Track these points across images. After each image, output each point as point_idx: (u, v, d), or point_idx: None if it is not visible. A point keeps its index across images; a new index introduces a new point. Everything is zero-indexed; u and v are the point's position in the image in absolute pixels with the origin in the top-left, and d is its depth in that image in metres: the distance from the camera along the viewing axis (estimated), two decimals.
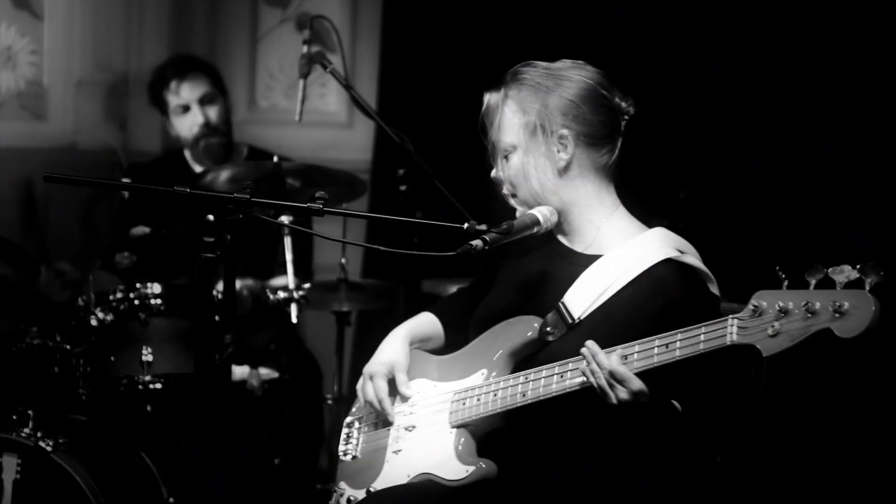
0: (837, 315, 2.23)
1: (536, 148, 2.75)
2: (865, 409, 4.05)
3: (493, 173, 2.85)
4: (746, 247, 4.30)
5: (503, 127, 2.78)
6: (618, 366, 2.50)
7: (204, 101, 4.73)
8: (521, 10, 4.90)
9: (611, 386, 2.51)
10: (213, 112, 4.73)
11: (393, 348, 2.95)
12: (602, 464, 2.70)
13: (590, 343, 2.55)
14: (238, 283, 4.39)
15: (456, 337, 3.02)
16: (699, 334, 2.43)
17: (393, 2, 5.44)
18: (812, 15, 4.26)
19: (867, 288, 2.21)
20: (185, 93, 4.71)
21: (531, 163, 2.76)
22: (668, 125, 4.40)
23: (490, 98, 2.81)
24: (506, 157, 2.80)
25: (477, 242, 2.57)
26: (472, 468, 2.68)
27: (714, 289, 2.73)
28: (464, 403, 2.76)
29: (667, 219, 2.83)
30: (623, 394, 2.50)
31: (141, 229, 4.10)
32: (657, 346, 2.48)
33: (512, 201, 2.83)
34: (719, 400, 2.66)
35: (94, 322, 3.86)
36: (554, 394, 2.62)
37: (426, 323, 3.08)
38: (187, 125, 4.73)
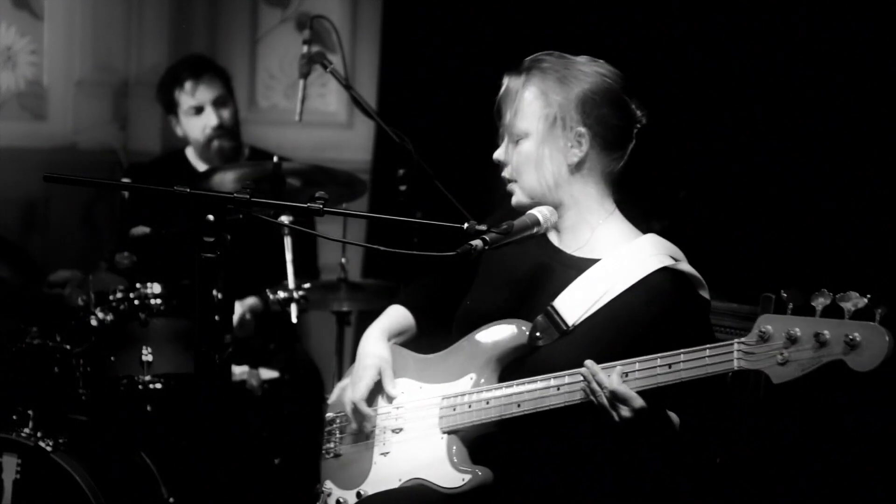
0: (850, 348, 2.21)
1: (552, 140, 2.73)
2: (865, 409, 4.05)
3: (496, 154, 2.82)
4: (746, 247, 4.30)
5: (520, 112, 2.75)
6: (619, 385, 2.48)
7: (217, 104, 4.72)
8: (521, 11, 4.90)
9: (612, 406, 2.50)
10: (226, 114, 4.73)
11: (376, 348, 2.94)
12: (598, 469, 2.69)
13: (589, 363, 2.54)
14: (239, 308, 4.40)
15: (427, 325, 3.01)
16: (704, 357, 2.42)
17: (393, 2, 5.44)
18: (816, 13, 4.26)
19: (877, 319, 2.19)
20: (201, 94, 4.70)
21: (545, 154, 2.74)
22: (667, 125, 4.40)
23: (510, 81, 2.79)
24: (516, 142, 2.78)
25: (477, 242, 2.56)
26: (468, 476, 2.67)
27: (705, 294, 2.73)
28: (454, 409, 2.75)
29: (667, 219, 2.82)
30: (625, 412, 2.49)
31: (141, 229, 4.10)
32: (660, 366, 2.47)
33: (511, 186, 2.80)
34: (716, 407, 2.66)
35: (94, 322, 3.86)
36: (551, 406, 2.61)
37: (398, 316, 3.06)
38: (199, 126, 4.72)
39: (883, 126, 4.15)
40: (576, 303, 2.69)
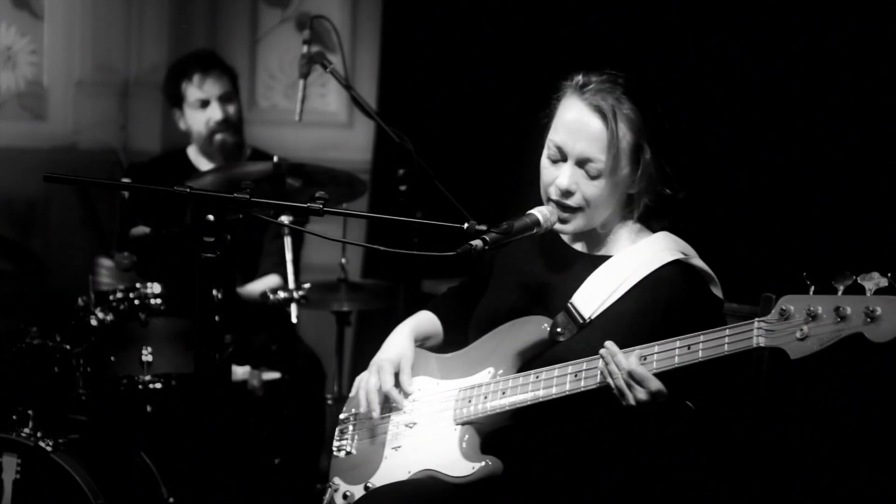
0: (869, 320, 2.23)
1: (628, 173, 2.71)
2: (866, 409, 4.05)
3: (567, 184, 2.70)
4: (746, 247, 4.30)
5: (613, 148, 2.66)
6: (636, 366, 2.49)
7: (223, 99, 4.75)
8: (521, 11, 4.90)
9: (629, 386, 2.50)
10: (231, 110, 4.76)
11: (400, 343, 2.95)
12: (609, 462, 2.70)
13: (609, 344, 2.55)
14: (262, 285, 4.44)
15: (453, 336, 3.02)
16: (723, 336, 2.43)
17: (393, 2, 5.44)
18: (815, 13, 4.26)
19: None
20: (208, 88, 4.72)
21: (619, 184, 2.72)
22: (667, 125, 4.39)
23: (595, 110, 2.68)
24: (597, 175, 2.69)
25: (477, 242, 2.57)
26: (477, 465, 2.67)
27: (717, 291, 2.74)
28: (469, 401, 2.76)
29: (667, 219, 2.83)
30: (641, 394, 2.49)
31: (141, 229, 4.11)
32: (679, 348, 2.48)
33: (572, 215, 2.74)
34: (727, 399, 2.66)
35: (94, 322, 3.86)
36: (568, 393, 2.62)
37: (428, 321, 3.08)
38: (203, 119, 4.73)
39: (885, 127, 4.15)
40: (591, 297, 2.71)
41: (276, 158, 4.19)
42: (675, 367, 2.48)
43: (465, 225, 2.60)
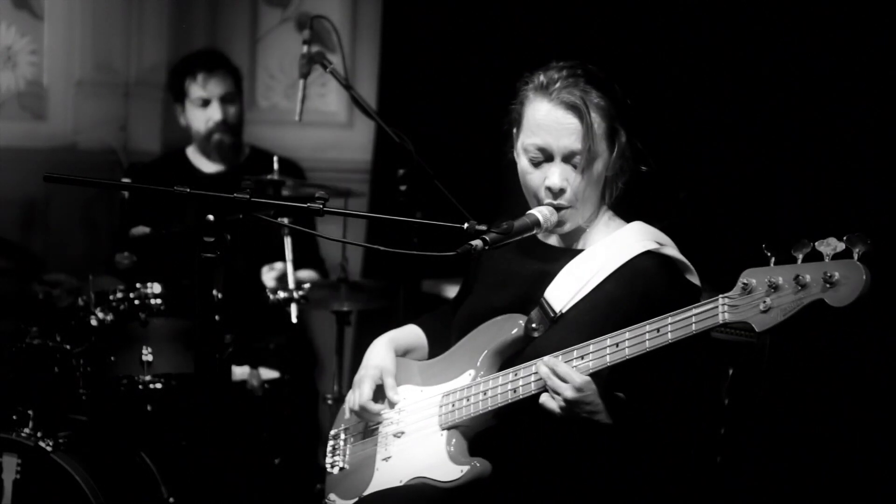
0: (829, 286, 2.25)
1: (606, 157, 2.73)
2: (866, 408, 4.05)
3: (560, 182, 2.72)
4: (747, 247, 4.29)
5: (593, 135, 2.68)
6: (560, 364, 2.54)
7: (225, 100, 4.80)
8: (520, 10, 4.91)
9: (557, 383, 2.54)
10: (231, 111, 4.81)
11: (379, 354, 2.95)
12: (597, 459, 2.69)
13: (546, 358, 2.58)
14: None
15: (438, 350, 3.00)
16: (690, 316, 2.44)
17: (393, 2, 5.44)
18: (813, 14, 4.26)
19: (856, 258, 2.23)
20: (211, 88, 4.78)
21: (600, 171, 2.73)
22: (667, 125, 4.40)
23: (567, 105, 2.69)
24: (583, 166, 2.70)
25: (477, 242, 2.57)
26: (465, 468, 2.67)
27: (694, 279, 2.74)
28: (453, 405, 2.76)
29: (666, 219, 2.83)
30: (568, 392, 2.52)
31: (141, 229, 4.11)
32: (648, 332, 2.48)
33: (568, 212, 2.74)
34: (695, 395, 2.68)
35: (94, 322, 3.86)
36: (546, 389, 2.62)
37: (410, 334, 3.07)
38: (203, 118, 4.78)
39: (887, 126, 4.15)
40: (562, 290, 2.72)
41: (276, 158, 4.20)
42: (647, 350, 2.48)
43: (465, 225, 2.60)
